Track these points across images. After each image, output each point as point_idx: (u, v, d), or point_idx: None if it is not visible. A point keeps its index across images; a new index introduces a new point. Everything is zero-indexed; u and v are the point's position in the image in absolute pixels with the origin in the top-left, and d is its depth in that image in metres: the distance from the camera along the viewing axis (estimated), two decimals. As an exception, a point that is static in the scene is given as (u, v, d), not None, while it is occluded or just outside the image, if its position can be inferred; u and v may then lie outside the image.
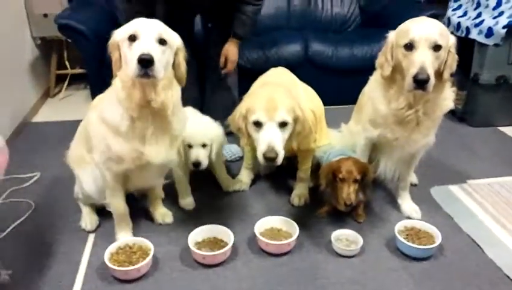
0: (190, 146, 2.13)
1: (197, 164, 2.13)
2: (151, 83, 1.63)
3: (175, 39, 1.69)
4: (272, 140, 1.79)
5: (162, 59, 1.60)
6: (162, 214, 2.17)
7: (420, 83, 1.71)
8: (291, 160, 2.42)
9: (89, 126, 1.88)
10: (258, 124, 1.84)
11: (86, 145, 1.96)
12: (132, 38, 1.58)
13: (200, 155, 2.12)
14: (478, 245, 2.03)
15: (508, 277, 1.84)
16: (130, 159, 1.77)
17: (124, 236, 2.02)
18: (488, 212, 2.26)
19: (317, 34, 3.71)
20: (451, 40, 1.83)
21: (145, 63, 1.51)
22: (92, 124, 1.83)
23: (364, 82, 2.17)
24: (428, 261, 1.93)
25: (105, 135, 1.76)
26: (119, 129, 1.71)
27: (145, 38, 1.57)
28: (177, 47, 1.70)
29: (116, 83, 1.70)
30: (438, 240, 1.95)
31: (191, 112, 2.21)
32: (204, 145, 2.14)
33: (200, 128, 2.15)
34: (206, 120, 2.24)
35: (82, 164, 2.03)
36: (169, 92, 1.72)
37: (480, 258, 1.95)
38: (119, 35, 1.64)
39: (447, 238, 2.03)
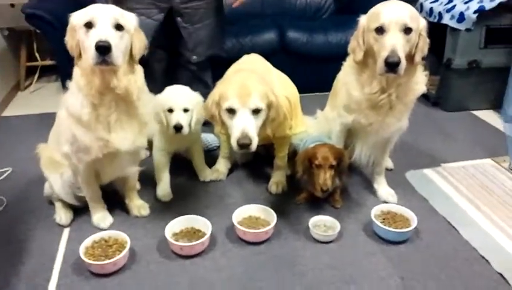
0: (171, 110, 2.11)
1: (179, 127, 2.09)
2: (110, 69, 1.61)
3: (132, 22, 1.67)
4: (245, 127, 1.77)
5: (120, 45, 1.58)
6: (138, 206, 2.14)
7: (391, 65, 1.72)
8: (268, 148, 2.41)
9: (58, 120, 1.85)
10: (231, 111, 1.83)
11: (57, 142, 1.92)
12: (88, 25, 1.56)
13: (181, 119, 2.10)
14: (453, 227, 2.06)
15: (483, 257, 1.87)
16: (97, 147, 1.74)
17: (101, 218, 2.02)
18: (463, 194, 2.30)
19: (292, 22, 3.70)
20: (422, 23, 1.83)
21: (103, 50, 1.50)
22: (60, 117, 1.81)
23: (340, 69, 2.16)
24: (405, 244, 1.95)
25: (71, 126, 1.73)
26: (81, 118, 1.69)
27: (101, 24, 1.55)
28: (134, 29, 1.68)
29: (75, 70, 1.67)
30: (414, 223, 1.97)
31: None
32: (185, 111, 2.12)
33: (180, 93, 2.15)
34: (186, 88, 2.21)
35: (51, 168, 2.00)
36: (132, 77, 1.70)
37: (456, 239, 1.99)
38: (76, 19, 1.61)
39: (423, 221, 2.05)
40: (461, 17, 3.09)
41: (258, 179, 2.46)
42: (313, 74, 3.51)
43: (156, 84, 2.25)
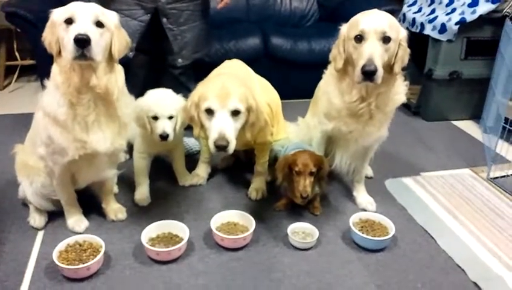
0: (155, 118, 2.08)
1: (165, 136, 2.07)
2: (90, 66, 1.60)
3: (112, 20, 1.66)
4: (223, 128, 1.76)
5: (100, 41, 1.58)
6: (115, 209, 2.10)
7: (368, 74, 1.73)
8: (249, 154, 2.41)
9: (35, 122, 1.82)
10: (210, 112, 1.82)
11: (33, 145, 1.88)
12: (69, 21, 1.55)
13: (167, 127, 2.07)
14: (431, 236, 2.07)
15: (459, 266, 1.88)
16: (74, 148, 1.71)
17: (76, 222, 2.00)
18: (441, 203, 2.32)
19: (276, 28, 3.73)
20: (402, 33, 1.85)
21: (82, 42, 1.49)
22: (37, 118, 1.78)
23: (322, 77, 2.16)
24: (383, 252, 1.95)
25: (47, 126, 1.70)
26: (57, 117, 1.66)
27: (81, 20, 1.54)
28: (115, 26, 1.67)
29: (54, 68, 1.65)
30: (392, 231, 1.98)
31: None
32: (170, 118, 2.10)
33: (165, 100, 2.11)
34: (170, 92, 2.18)
35: (24, 172, 1.97)
36: (112, 76, 1.69)
37: (433, 248, 2.00)
38: (56, 16, 1.60)
39: (401, 230, 2.07)
40: (443, 28, 3.13)
41: (238, 184, 2.45)
42: (296, 80, 3.52)
43: (137, 90, 2.23)
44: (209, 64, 2.35)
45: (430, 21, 3.24)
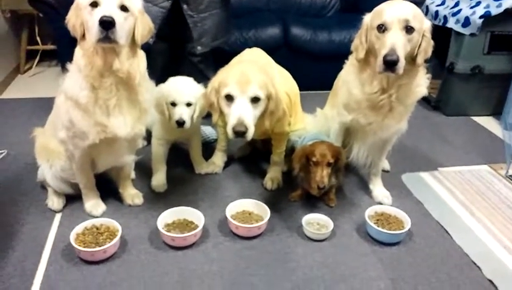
0: (174, 104, 2.10)
1: (181, 122, 2.09)
2: (113, 50, 1.61)
3: (137, 5, 1.67)
4: (242, 114, 1.77)
5: (124, 25, 1.60)
6: (132, 195, 2.13)
7: (389, 64, 1.70)
8: (266, 143, 2.41)
9: (56, 106, 1.84)
10: (229, 98, 1.82)
11: (54, 129, 1.90)
12: (94, 4, 1.57)
13: (184, 114, 2.09)
14: (446, 231, 2.05)
15: (474, 263, 1.86)
16: (95, 132, 1.73)
17: (94, 206, 2.02)
18: (458, 199, 2.30)
19: (297, 18, 3.70)
20: (426, 24, 1.82)
21: (107, 25, 1.51)
22: (58, 102, 1.80)
23: (342, 68, 2.15)
24: (398, 246, 1.94)
25: (68, 110, 1.72)
26: (79, 100, 1.68)
27: (106, 3, 1.56)
28: (139, 11, 1.68)
29: (77, 51, 1.67)
30: (407, 225, 1.97)
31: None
32: (188, 105, 2.11)
33: (184, 87, 2.13)
34: (190, 80, 2.20)
35: (44, 156, 2.00)
36: (134, 61, 1.70)
37: (448, 244, 1.98)
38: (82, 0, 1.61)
39: (417, 224, 2.05)
40: (466, 22, 3.07)
41: (254, 173, 2.46)
42: (315, 71, 3.49)
43: (156, 78, 2.23)
44: (228, 53, 2.35)
45: (454, 14, 3.18)
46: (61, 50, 3.22)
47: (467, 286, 1.75)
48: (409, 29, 1.74)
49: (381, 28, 1.76)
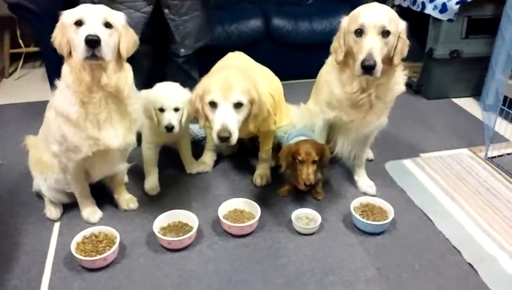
0: (162, 110, 2.16)
1: (170, 128, 2.15)
2: (100, 66, 1.66)
3: (120, 21, 1.72)
4: (225, 120, 1.84)
5: (110, 42, 1.64)
6: (127, 200, 2.20)
7: (367, 68, 1.78)
8: (253, 139, 2.47)
9: (46, 121, 1.89)
10: (213, 104, 1.89)
11: (46, 142, 1.95)
12: (79, 23, 1.61)
13: (173, 119, 2.15)
14: (429, 218, 2.16)
15: (455, 248, 1.97)
16: (87, 146, 1.79)
17: (90, 213, 2.09)
18: (439, 185, 2.40)
19: (277, 9, 3.70)
20: (402, 26, 1.88)
21: (92, 43, 1.55)
22: (49, 118, 1.85)
23: (324, 56, 2.18)
24: (382, 235, 2.05)
25: (60, 126, 1.77)
26: (69, 116, 1.73)
27: (91, 22, 1.60)
28: (122, 26, 1.72)
29: (64, 68, 1.72)
30: (391, 215, 2.07)
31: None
32: (176, 110, 2.17)
33: (171, 92, 2.19)
34: (176, 85, 2.25)
35: (38, 168, 2.05)
36: (122, 75, 1.75)
37: (431, 230, 2.09)
38: (66, 17, 1.65)
39: (400, 212, 2.16)
40: (443, 8, 3.14)
41: (243, 170, 2.53)
42: (299, 61, 3.56)
43: (141, 79, 2.28)
44: (212, 49, 2.38)
45: (431, 0, 3.24)
46: (46, 54, 3.22)
47: (449, 270, 1.86)
48: (385, 33, 1.80)
49: (359, 33, 1.82)
